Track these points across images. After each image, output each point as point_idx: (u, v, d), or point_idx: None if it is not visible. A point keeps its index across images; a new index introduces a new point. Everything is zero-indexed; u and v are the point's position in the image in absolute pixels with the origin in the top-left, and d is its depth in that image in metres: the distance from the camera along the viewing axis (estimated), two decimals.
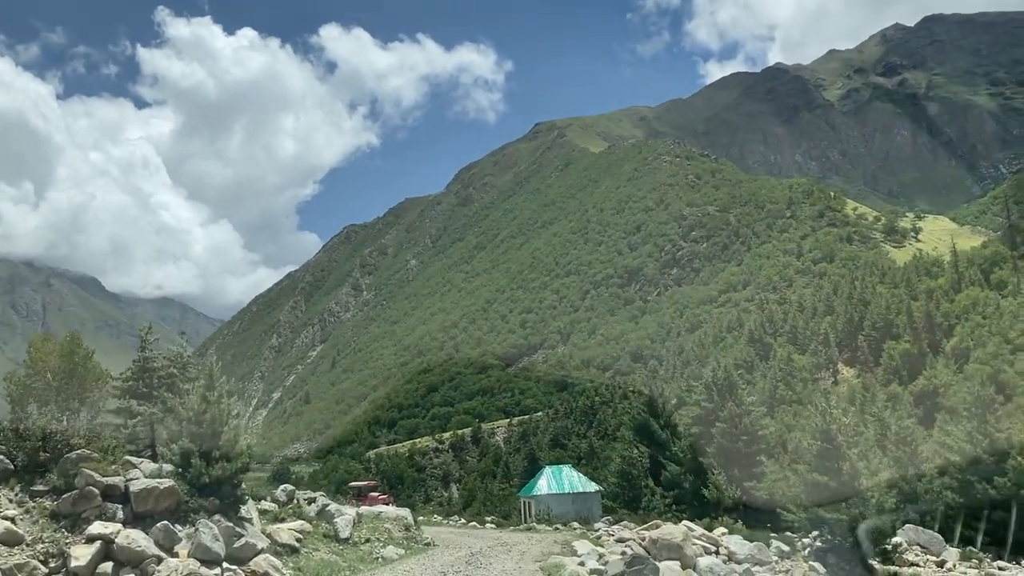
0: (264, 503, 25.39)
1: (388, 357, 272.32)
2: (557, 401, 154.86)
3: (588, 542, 27.72)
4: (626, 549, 25.68)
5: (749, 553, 26.49)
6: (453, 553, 26.38)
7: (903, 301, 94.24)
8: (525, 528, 42.14)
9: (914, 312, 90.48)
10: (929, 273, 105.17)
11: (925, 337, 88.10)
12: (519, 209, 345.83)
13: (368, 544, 25.71)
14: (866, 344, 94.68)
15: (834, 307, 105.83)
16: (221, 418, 21.45)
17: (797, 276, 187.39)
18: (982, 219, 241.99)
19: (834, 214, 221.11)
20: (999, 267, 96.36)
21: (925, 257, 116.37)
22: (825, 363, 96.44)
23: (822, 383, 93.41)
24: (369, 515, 30.11)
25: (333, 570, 21.37)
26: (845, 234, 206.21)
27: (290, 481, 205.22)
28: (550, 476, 50.77)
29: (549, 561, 22.76)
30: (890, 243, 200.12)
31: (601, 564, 22.79)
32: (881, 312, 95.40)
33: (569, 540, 29.77)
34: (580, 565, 22.33)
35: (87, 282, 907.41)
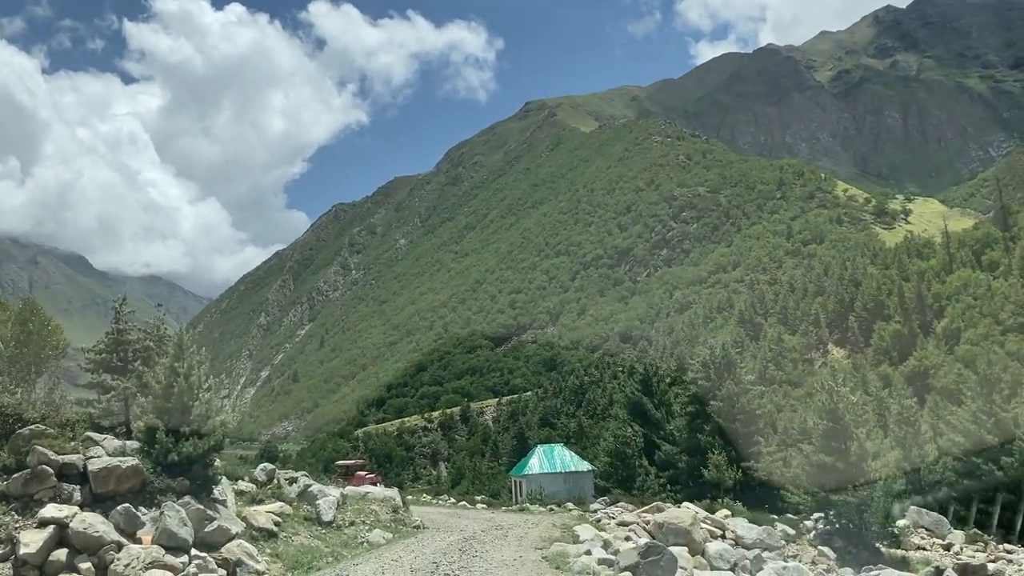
0: (241, 483, 23.59)
1: (377, 336, 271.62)
2: (546, 381, 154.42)
3: (590, 526, 25.85)
4: (630, 534, 24.51)
5: (757, 537, 25.10)
6: (444, 537, 24.60)
7: (894, 282, 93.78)
8: (518, 509, 40.26)
9: (905, 293, 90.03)
10: (920, 254, 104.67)
11: (916, 318, 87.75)
12: (509, 189, 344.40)
13: (353, 528, 24.00)
14: (857, 325, 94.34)
15: (825, 288, 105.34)
16: (191, 391, 19.54)
17: (787, 257, 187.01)
18: (971, 201, 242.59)
19: (824, 195, 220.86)
20: (991, 248, 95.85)
21: (916, 238, 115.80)
22: (815, 343, 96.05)
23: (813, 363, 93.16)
24: (355, 496, 28.30)
25: (314, 556, 19.72)
26: (835, 216, 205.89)
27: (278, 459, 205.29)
28: (542, 455, 49.47)
29: (552, 549, 20.94)
30: (880, 225, 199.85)
31: (610, 553, 20.84)
32: (872, 293, 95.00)
33: (569, 524, 28.03)
34: (587, 554, 20.36)
35: (74, 260, 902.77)
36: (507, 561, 19.76)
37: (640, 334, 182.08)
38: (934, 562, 23.68)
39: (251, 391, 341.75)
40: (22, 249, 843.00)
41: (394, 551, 20.89)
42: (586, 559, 19.25)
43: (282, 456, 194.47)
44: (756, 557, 23.00)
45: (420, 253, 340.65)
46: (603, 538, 22.74)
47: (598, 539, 22.60)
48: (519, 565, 19.25)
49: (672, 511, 26.17)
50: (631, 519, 28.26)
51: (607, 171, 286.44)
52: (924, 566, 23.19)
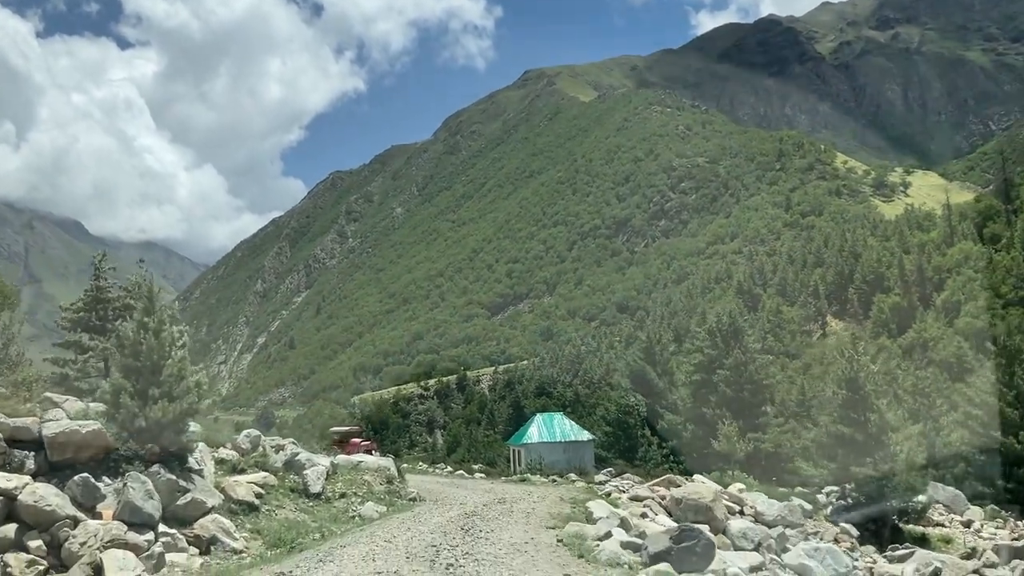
0: (222, 451, 21.78)
1: (373, 304, 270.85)
2: (543, 350, 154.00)
3: (604, 502, 23.31)
4: (646, 511, 22.80)
5: (778, 514, 23.32)
6: (443, 512, 22.40)
7: (894, 254, 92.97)
8: (518, 479, 38.56)
9: (905, 265, 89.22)
10: (921, 227, 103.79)
11: (916, 291, 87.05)
12: (507, 158, 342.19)
13: (343, 500, 22.19)
14: (856, 297, 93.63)
15: (824, 259, 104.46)
16: (162, 348, 17.66)
17: (785, 229, 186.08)
18: (971, 175, 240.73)
19: (824, 167, 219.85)
20: (992, 221, 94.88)
21: (917, 211, 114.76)
22: (814, 315, 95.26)
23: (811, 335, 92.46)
24: (346, 465, 26.42)
25: (299, 532, 17.97)
26: (834, 187, 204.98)
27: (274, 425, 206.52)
28: (541, 424, 47.83)
29: (567, 530, 18.42)
30: (879, 197, 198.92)
31: (634, 536, 18.66)
32: (872, 265, 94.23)
33: (578, 498, 25.52)
34: (607, 537, 18.01)
35: (70, 225, 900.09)
36: (518, 544, 17.39)
37: (637, 304, 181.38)
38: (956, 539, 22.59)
39: (248, 357, 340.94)
40: (18, 214, 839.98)
41: (388, 528, 19.00)
42: (611, 546, 16.77)
43: (279, 422, 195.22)
44: (780, 535, 21.49)
45: (417, 222, 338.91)
46: (619, 516, 20.54)
47: (614, 517, 20.26)
48: (533, 550, 16.74)
49: (691, 485, 24.49)
50: (644, 493, 26.43)
51: (606, 141, 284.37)
52: (945, 544, 22.17)
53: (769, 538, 20.81)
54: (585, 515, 21.12)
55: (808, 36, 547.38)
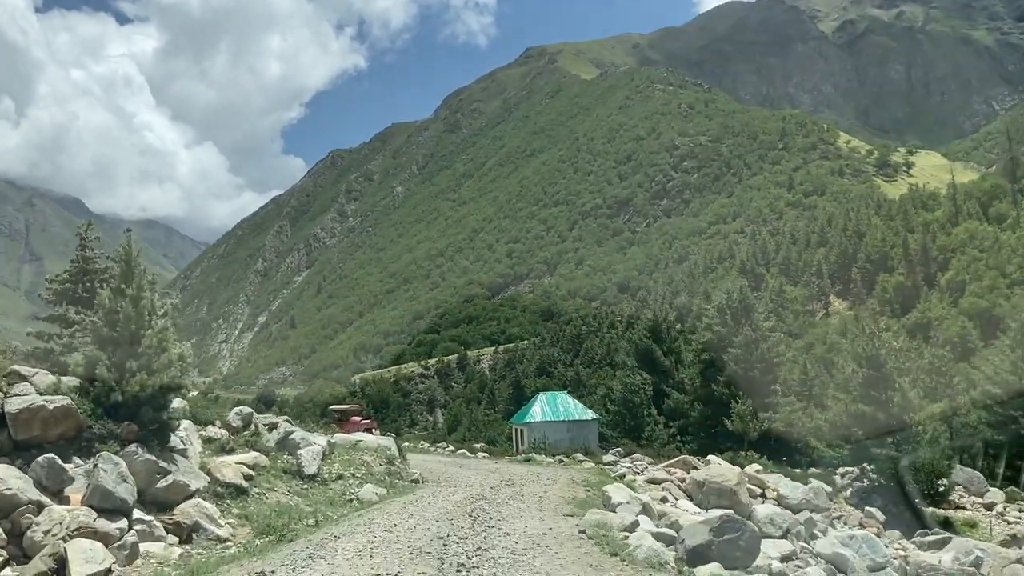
0: (211, 429, 20.29)
1: (374, 284, 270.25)
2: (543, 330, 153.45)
3: (623, 486, 21.18)
4: (665, 494, 21.41)
5: (803, 498, 21.83)
6: (448, 496, 20.69)
7: (899, 233, 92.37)
8: (523, 459, 37.07)
9: (910, 245, 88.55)
10: (925, 206, 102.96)
11: (920, 270, 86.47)
12: (508, 137, 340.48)
13: (340, 482, 20.85)
14: (859, 276, 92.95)
15: (828, 239, 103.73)
16: (140, 317, 16.06)
17: (787, 209, 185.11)
18: (974, 155, 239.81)
19: (827, 147, 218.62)
20: (998, 201, 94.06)
21: (921, 190, 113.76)
22: (817, 295, 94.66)
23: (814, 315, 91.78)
24: (345, 444, 25.09)
25: (292, 517, 16.46)
26: (837, 167, 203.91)
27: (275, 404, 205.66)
28: (544, 402, 46.76)
29: (588, 519, 16.19)
30: (882, 177, 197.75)
31: (664, 525, 16.61)
32: (876, 244, 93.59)
33: (592, 481, 23.63)
34: (634, 527, 15.62)
35: (70, 203, 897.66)
36: (535, 535, 15.13)
37: (638, 284, 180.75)
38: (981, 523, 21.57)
39: (248, 336, 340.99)
40: (18, 191, 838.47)
41: (388, 514, 17.23)
42: (645, 540, 14.29)
43: (279, 401, 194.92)
44: (808, 521, 20.05)
45: (417, 201, 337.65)
46: (640, 501, 18.59)
47: (635, 502, 18.40)
48: (554, 544, 14.38)
49: (714, 468, 22.67)
50: (662, 476, 24.73)
51: (607, 119, 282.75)
52: (969, 528, 21.23)
53: (797, 524, 19.53)
54: (602, 500, 19.46)
55: (811, 15, 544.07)
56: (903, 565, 17.98)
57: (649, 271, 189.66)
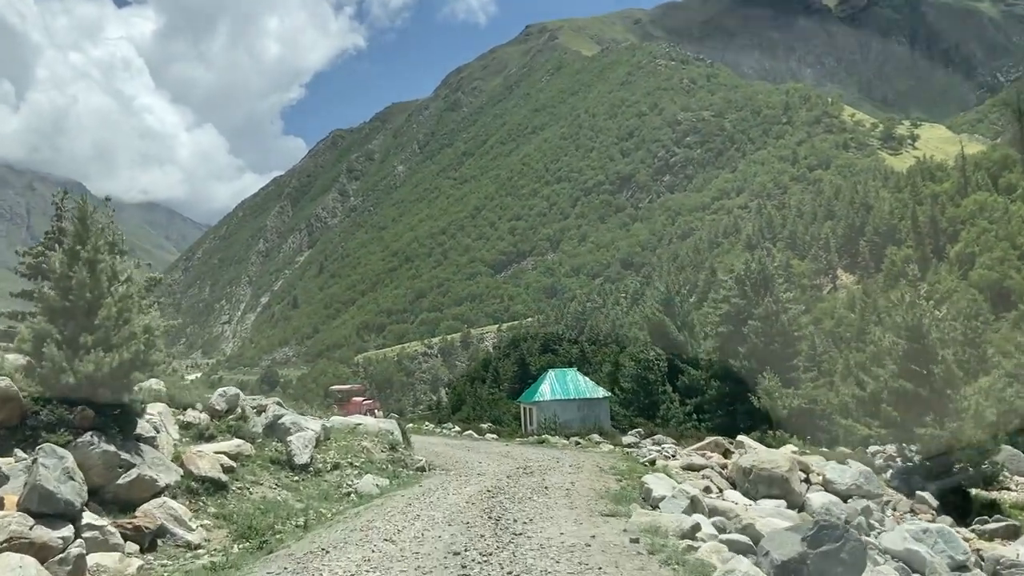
0: (191, 414, 18.15)
1: (376, 263, 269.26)
2: (547, 307, 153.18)
3: (664, 476, 18.60)
4: (707, 483, 19.18)
5: (852, 483, 19.42)
6: (459, 488, 18.21)
7: (907, 206, 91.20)
8: (536, 441, 34.89)
9: (918, 217, 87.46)
10: (933, 178, 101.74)
11: (929, 242, 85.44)
12: (509, 114, 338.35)
13: (336, 472, 18.68)
14: (867, 250, 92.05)
15: (835, 212, 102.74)
16: (98, 284, 13.81)
17: (792, 183, 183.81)
18: (978, 127, 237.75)
19: (831, 120, 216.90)
20: (1008, 171, 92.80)
21: (929, 161, 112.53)
22: (825, 268, 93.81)
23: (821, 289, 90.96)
24: (341, 429, 22.76)
25: (278, 515, 14.35)
26: (841, 141, 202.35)
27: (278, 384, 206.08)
28: (553, 380, 44.83)
29: (635, 521, 13.41)
30: (887, 150, 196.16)
31: (736, 530, 13.88)
32: (884, 217, 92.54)
33: (619, 468, 21.33)
34: (694, 531, 12.98)
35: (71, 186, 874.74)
36: (576, 546, 12.04)
37: (642, 261, 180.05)
38: None
39: (251, 317, 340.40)
40: (18, 176, 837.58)
41: (389, 514, 14.70)
42: (719, 551, 11.57)
43: (283, 381, 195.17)
44: (865, 509, 17.79)
45: (419, 180, 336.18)
46: (687, 494, 15.82)
47: (681, 496, 15.66)
48: (603, 560, 11.29)
49: (763, 452, 20.57)
50: (699, 461, 22.15)
51: (609, 95, 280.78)
52: (1019, 511, 20.27)
53: (856, 515, 17.38)
54: (641, 493, 16.92)
55: None
56: (978, 560, 15.94)
57: (652, 247, 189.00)
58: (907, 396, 21.81)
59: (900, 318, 23.31)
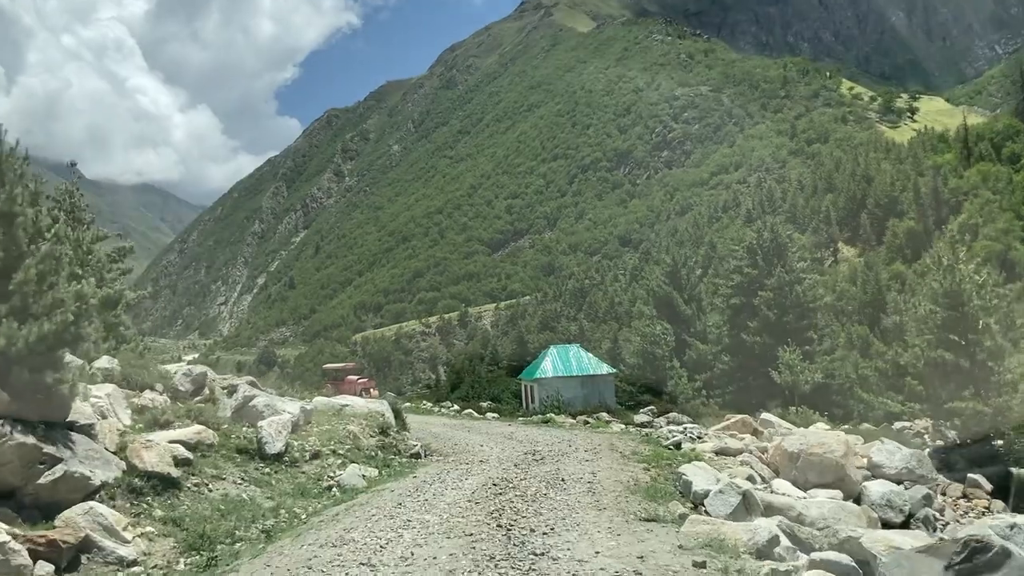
0: (148, 396, 15.73)
1: (372, 243, 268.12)
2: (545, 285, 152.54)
3: (705, 466, 15.88)
4: (750, 471, 16.64)
5: (902, 466, 17.23)
6: (459, 481, 15.79)
7: (909, 177, 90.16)
8: (540, 420, 32.39)
9: (920, 188, 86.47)
10: (935, 149, 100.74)
11: (931, 214, 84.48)
12: (504, 92, 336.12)
13: (317, 462, 16.22)
14: (869, 222, 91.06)
15: (836, 185, 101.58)
16: (15, 242, 11.53)
17: (790, 157, 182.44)
18: (977, 100, 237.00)
19: (829, 94, 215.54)
20: (1011, 141, 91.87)
21: (931, 132, 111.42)
22: (826, 242, 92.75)
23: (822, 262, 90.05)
24: (325, 411, 20.22)
25: (242, 518, 12.25)
26: (840, 114, 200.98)
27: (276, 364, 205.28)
28: (556, 356, 43.14)
29: (691, 531, 10.98)
30: (886, 123, 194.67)
31: (829, 546, 11.58)
32: (885, 189, 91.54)
33: (642, 453, 18.87)
34: (774, 546, 10.66)
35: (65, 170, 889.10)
36: (617, 571, 9.22)
37: (640, 237, 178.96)
38: None
39: (248, 298, 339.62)
40: None
41: (374, 519, 12.23)
42: None
43: (280, 361, 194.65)
44: (926, 498, 15.82)
45: (414, 159, 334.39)
46: (736, 488, 13.10)
47: (730, 491, 12.97)
48: None
49: (812, 433, 18.01)
50: (733, 445, 19.54)
51: (605, 72, 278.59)
52: None
53: (922, 505, 15.33)
54: (678, 486, 14.59)
55: None
56: None
57: (651, 223, 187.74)
58: (945, 368, 20.41)
59: (937, 283, 21.88)
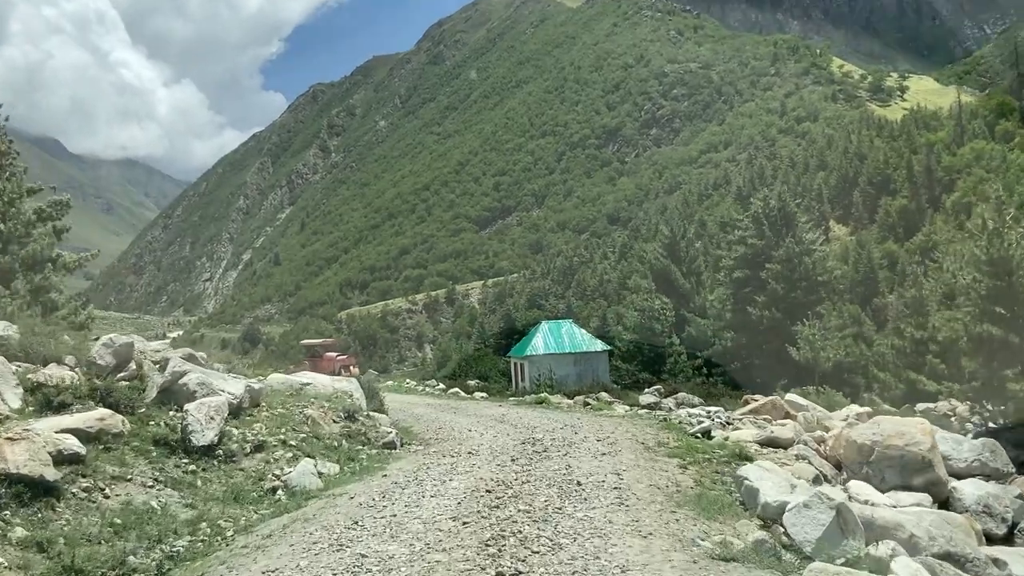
0: (48, 371, 12.65)
1: (358, 220, 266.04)
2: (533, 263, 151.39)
3: (773, 467, 12.31)
4: (814, 470, 13.28)
5: (975, 457, 14.21)
6: (441, 484, 12.19)
7: (902, 155, 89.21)
8: (534, 400, 29.30)
9: (913, 166, 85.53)
10: (928, 127, 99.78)
11: (924, 192, 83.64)
12: (492, 67, 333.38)
13: (260, 456, 12.98)
14: (861, 200, 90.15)
15: (827, 162, 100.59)
16: None
17: (780, 136, 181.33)
18: (966, 79, 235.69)
19: (819, 72, 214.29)
20: (1005, 119, 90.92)
21: (924, 110, 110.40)
22: (817, 220, 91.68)
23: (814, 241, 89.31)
24: (282, 391, 17.33)
25: (144, 535, 9.28)
26: (830, 92, 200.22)
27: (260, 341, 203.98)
28: (547, 333, 41.09)
29: None
30: (876, 102, 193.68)
31: None
32: (878, 167, 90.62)
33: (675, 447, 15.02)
34: None
35: (48, 143, 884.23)
36: None
37: (629, 215, 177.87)
38: None
39: (233, 274, 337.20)
40: None
41: (318, 549, 9.05)
42: None
43: (265, 338, 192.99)
44: (1020, 501, 12.44)
45: (401, 135, 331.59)
46: (829, 500, 9.42)
47: (819, 503, 9.39)
48: None
49: (887, 422, 14.31)
50: (784, 434, 15.73)
51: (594, 48, 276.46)
52: None
53: None
54: (737, 492, 11.34)
55: None
56: None
57: (639, 201, 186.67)
58: (991, 344, 18.78)
59: (982, 250, 20.20)
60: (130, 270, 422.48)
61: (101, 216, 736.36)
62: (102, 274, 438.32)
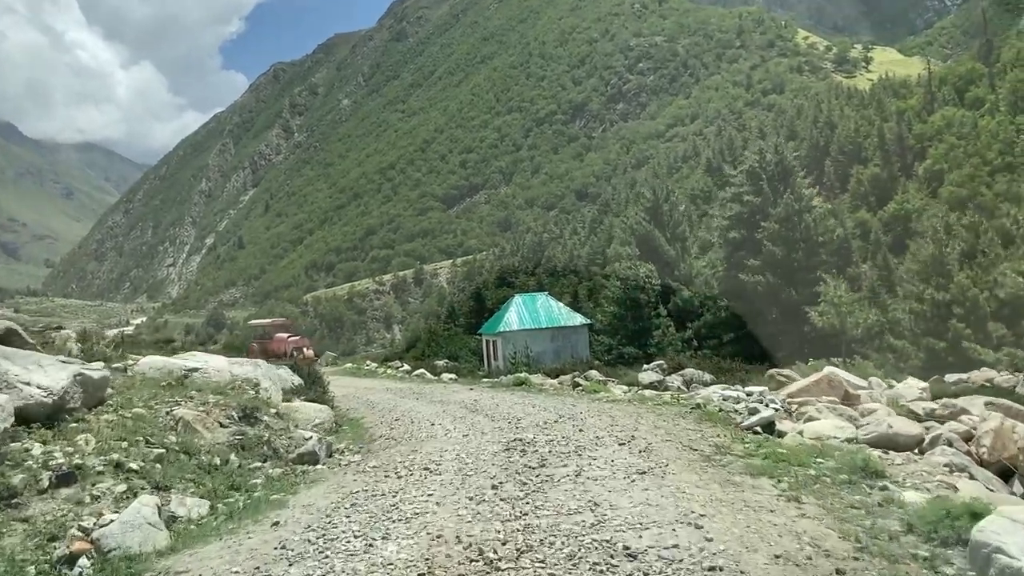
0: None
1: (323, 200, 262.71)
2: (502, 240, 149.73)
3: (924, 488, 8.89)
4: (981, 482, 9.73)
5: None
6: (364, 549, 7.32)
7: (873, 123, 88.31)
8: (512, 382, 25.44)
9: (885, 134, 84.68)
10: (898, 94, 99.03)
11: (896, 160, 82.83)
12: (456, 44, 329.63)
13: (71, 491, 8.35)
14: (832, 169, 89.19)
15: (797, 132, 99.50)
16: None
17: (746, 108, 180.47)
18: (928, 50, 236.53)
19: (784, 44, 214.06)
20: (974, 85, 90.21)
21: (893, 78, 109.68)
22: None
23: None
24: (152, 380, 13.19)
25: None
26: (795, 64, 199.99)
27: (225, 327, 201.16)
28: (521, 306, 38.40)
29: None
30: (841, 73, 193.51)
31: None
32: (849, 135, 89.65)
33: (743, 453, 11.05)
34: None
35: (3, 128, 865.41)
36: None
37: (597, 191, 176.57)
38: None
39: (196, 259, 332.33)
40: None
41: None
42: None
43: (230, 323, 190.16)
44: None
45: (365, 114, 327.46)
46: None
47: None
48: None
49: None
50: (910, 430, 11.95)
51: (559, 22, 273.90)
52: None
53: None
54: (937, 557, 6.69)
55: None
56: None
57: (608, 176, 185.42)
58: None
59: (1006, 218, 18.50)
60: (91, 256, 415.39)
61: (61, 201, 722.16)
62: (63, 261, 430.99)
